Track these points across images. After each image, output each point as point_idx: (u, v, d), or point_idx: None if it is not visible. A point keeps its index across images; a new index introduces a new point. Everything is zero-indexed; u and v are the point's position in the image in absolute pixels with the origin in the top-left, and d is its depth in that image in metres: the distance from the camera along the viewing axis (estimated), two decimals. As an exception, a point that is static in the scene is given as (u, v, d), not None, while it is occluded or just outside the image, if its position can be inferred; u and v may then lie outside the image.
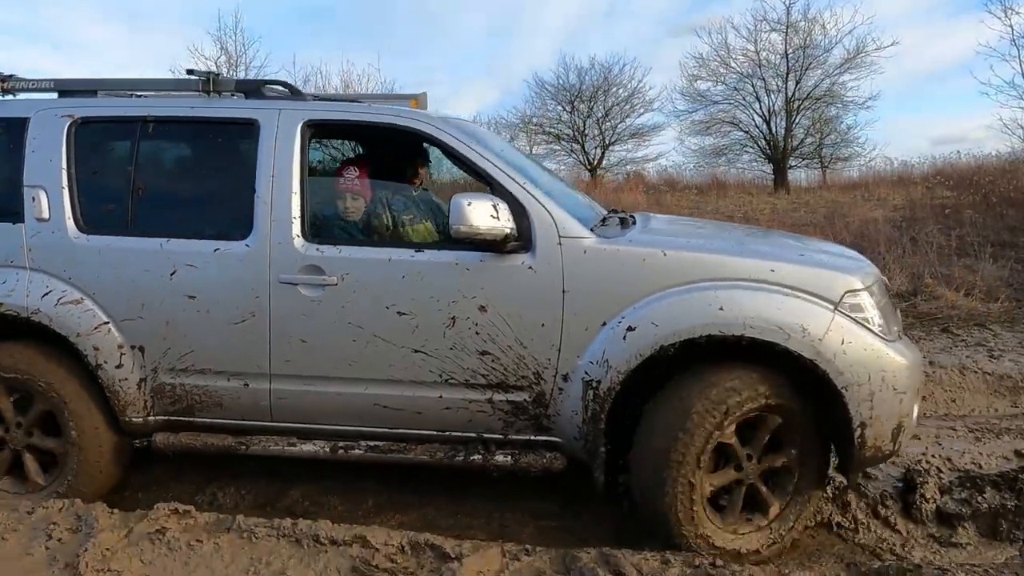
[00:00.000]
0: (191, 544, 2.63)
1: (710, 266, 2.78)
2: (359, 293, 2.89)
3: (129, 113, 3.12)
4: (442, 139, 2.95)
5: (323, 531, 2.69)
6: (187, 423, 3.12)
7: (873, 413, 2.68)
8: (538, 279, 2.79)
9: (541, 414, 2.88)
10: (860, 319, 2.73)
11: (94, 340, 3.00)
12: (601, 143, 24.85)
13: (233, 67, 19.57)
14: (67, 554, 2.58)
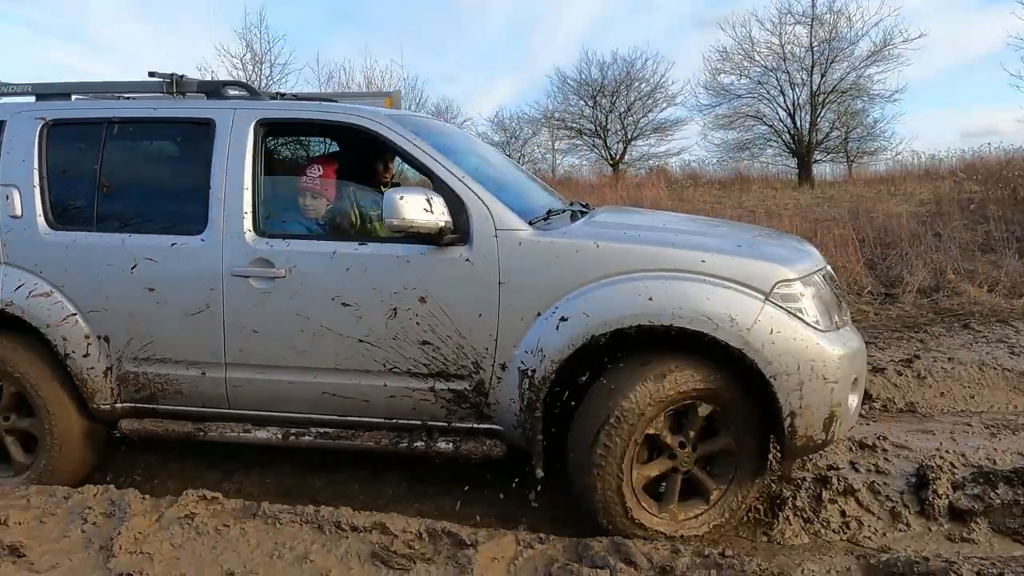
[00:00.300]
0: (219, 529, 2.77)
1: (642, 257, 2.84)
2: (306, 285, 3.02)
3: (96, 115, 3.30)
4: (385, 135, 3.06)
5: (344, 518, 2.82)
6: (151, 410, 3.30)
7: (803, 402, 2.71)
8: (475, 271, 2.89)
9: (481, 402, 2.98)
10: (792, 309, 2.77)
11: (63, 331, 3.18)
12: (623, 138, 24.84)
13: (258, 64, 19.88)
14: (102, 537, 2.73)
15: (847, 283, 7.59)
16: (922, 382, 4.72)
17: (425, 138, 3.11)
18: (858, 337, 3.08)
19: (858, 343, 3.00)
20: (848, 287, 7.54)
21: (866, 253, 8.74)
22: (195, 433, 3.24)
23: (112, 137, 3.28)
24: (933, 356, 5.13)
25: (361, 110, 3.25)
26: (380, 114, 3.20)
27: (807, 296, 2.84)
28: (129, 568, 2.50)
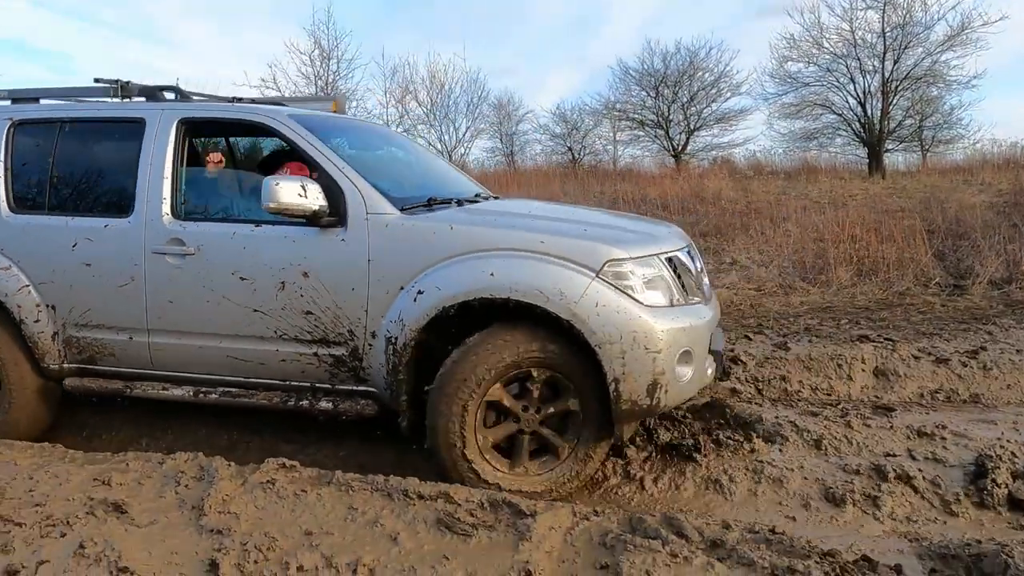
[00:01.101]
0: (297, 494, 3.01)
1: (489, 238, 3.23)
2: (211, 261, 3.53)
3: (51, 116, 3.90)
4: (281, 131, 3.55)
5: (411, 487, 3.04)
6: (92, 370, 3.85)
7: (625, 369, 3.05)
8: (349, 249, 3.33)
9: (358, 367, 3.40)
10: (621, 286, 3.10)
11: (18, 299, 3.76)
12: (686, 129, 24.91)
13: (326, 60, 20.68)
14: (193, 498, 2.99)
15: (913, 274, 7.79)
16: (987, 373, 4.79)
17: (317, 134, 3.57)
18: (706, 314, 3.44)
19: (697, 320, 3.29)
20: (914, 278, 7.73)
21: (935, 244, 8.74)
22: (124, 390, 3.78)
23: (63, 134, 3.87)
24: (1001, 348, 5.18)
25: (261, 109, 3.75)
26: (279, 112, 3.68)
27: (637, 275, 3.16)
28: (218, 525, 2.76)
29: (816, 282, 8.11)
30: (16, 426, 3.99)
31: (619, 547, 2.61)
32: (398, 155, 4.56)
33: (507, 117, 26.82)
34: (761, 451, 3.69)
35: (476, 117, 25.03)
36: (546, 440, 3.36)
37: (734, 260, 9.49)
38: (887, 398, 4.64)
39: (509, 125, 27.03)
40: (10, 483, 3.12)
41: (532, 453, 3.40)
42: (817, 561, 2.48)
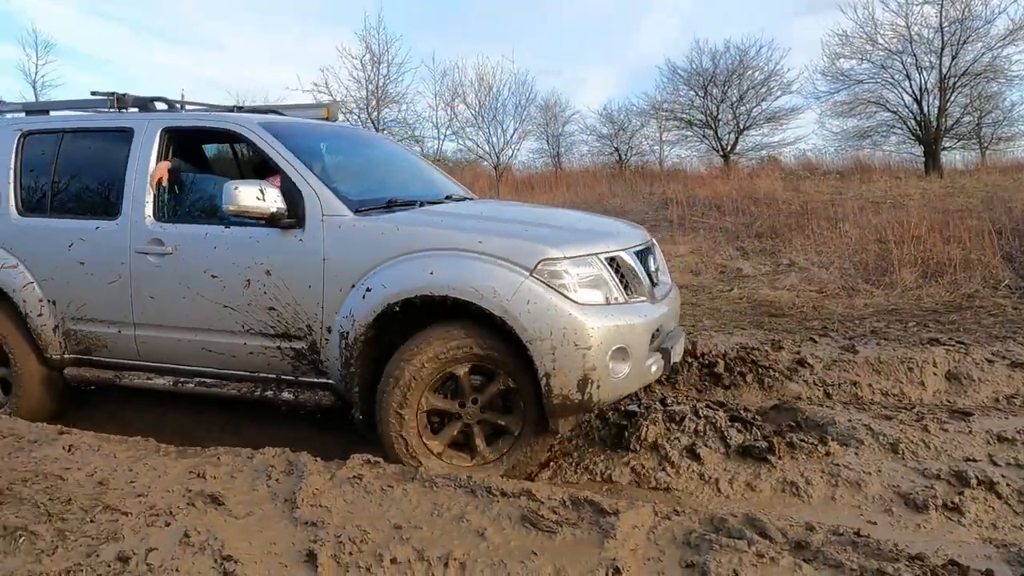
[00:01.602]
0: (383, 489, 3.11)
1: (432, 238, 3.43)
2: (186, 260, 3.85)
3: (54, 127, 4.30)
4: (249, 138, 3.85)
5: (495, 484, 3.11)
6: (88, 360, 4.20)
7: (556, 365, 3.20)
8: (306, 248, 3.59)
9: (316, 359, 3.64)
10: (555, 284, 3.26)
11: (24, 295, 4.16)
12: (735, 128, 24.53)
13: (376, 64, 21.20)
14: (285, 491, 3.11)
15: (981, 276, 7.70)
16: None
17: (283, 141, 3.84)
18: (649, 312, 3.61)
19: (636, 319, 3.40)
20: (982, 280, 7.64)
21: (1003, 245, 8.53)
22: (114, 379, 4.13)
23: (64, 143, 4.23)
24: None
25: (235, 118, 4.05)
26: (250, 120, 3.97)
27: (571, 274, 3.28)
28: (312, 518, 2.85)
29: (880, 284, 8.04)
30: (25, 411, 4.37)
31: (704, 546, 2.66)
32: (376, 159, 4.79)
33: (553, 118, 26.96)
34: (836, 454, 3.69)
35: (524, 119, 25.25)
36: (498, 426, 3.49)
37: (792, 262, 9.45)
38: (962, 402, 4.61)
39: (555, 126, 27.15)
40: (112, 474, 3.28)
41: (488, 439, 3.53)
42: (907, 564, 2.50)
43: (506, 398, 3.56)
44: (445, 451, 3.58)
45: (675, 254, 10.24)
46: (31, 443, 3.62)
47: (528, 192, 19.15)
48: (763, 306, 7.49)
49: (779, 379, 4.98)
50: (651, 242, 4.23)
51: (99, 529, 2.77)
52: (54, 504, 2.95)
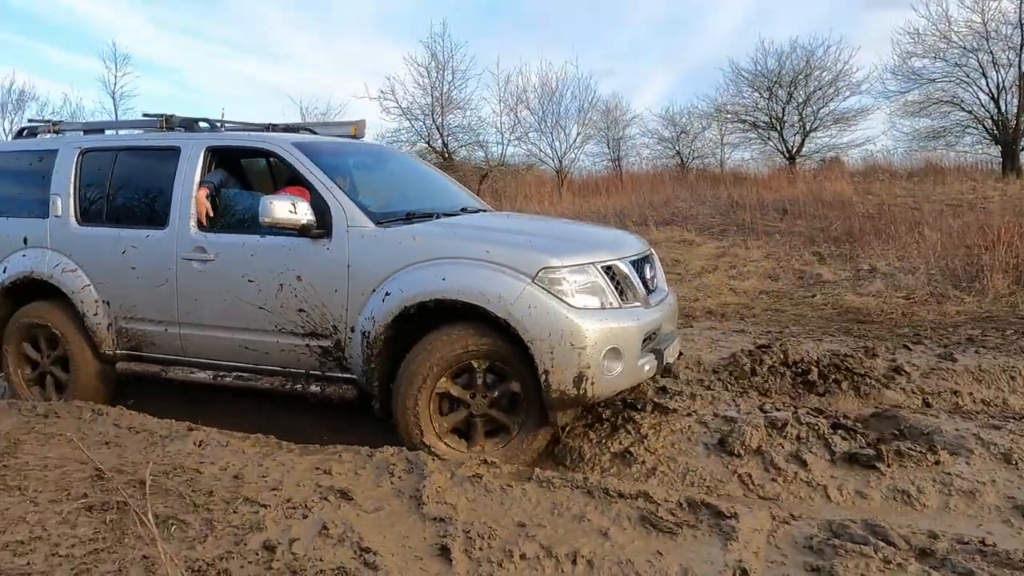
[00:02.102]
0: (503, 488, 3.28)
1: (445, 248, 3.86)
2: (226, 266, 4.30)
3: (110, 145, 4.82)
4: (282, 156, 4.29)
5: (611, 485, 3.29)
6: (138, 356, 4.67)
7: (554, 363, 3.58)
8: (332, 257, 4.01)
9: (341, 356, 4.06)
10: (554, 290, 3.65)
11: (81, 296, 4.66)
12: (801, 130, 24.12)
13: (441, 71, 22.03)
14: (408, 488, 3.30)
15: None
16: None
17: (313, 158, 4.27)
18: (643, 316, 3.96)
19: (629, 322, 3.76)
20: None
21: None
22: (160, 373, 4.57)
23: (119, 160, 4.73)
24: None
25: (271, 138, 4.51)
26: (284, 140, 4.42)
27: (569, 281, 3.66)
28: (438, 514, 3.03)
29: (970, 290, 8.00)
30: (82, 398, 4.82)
31: (828, 551, 2.76)
32: (398, 174, 5.21)
33: (614, 122, 26.76)
34: (947, 463, 3.71)
35: (586, 123, 25.33)
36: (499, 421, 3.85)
37: (873, 267, 9.45)
38: (1070, 413, 4.55)
39: (616, 130, 27.00)
40: (244, 469, 3.54)
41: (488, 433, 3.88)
42: (1039, 574, 2.53)
43: (512, 397, 3.91)
44: (447, 434, 3.94)
45: (749, 259, 10.39)
46: (163, 438, 3.99)
47: (591, 196, 19.32)
48: (849, 312, 7.56)
49: (875, 387, 5.03)
50: (649, 252, 4.57)
51: (242, 519, 2.99)
52: (197, 495, 3.20)
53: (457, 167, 21.58)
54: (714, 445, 4.03)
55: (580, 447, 4.09)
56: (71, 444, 3.85)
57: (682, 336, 6.00)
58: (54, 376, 5.09)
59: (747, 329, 6.81)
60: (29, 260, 5.01)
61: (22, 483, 3.36)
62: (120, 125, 5.24)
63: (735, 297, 8.41)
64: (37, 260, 4.98)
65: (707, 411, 4.49)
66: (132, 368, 4.86)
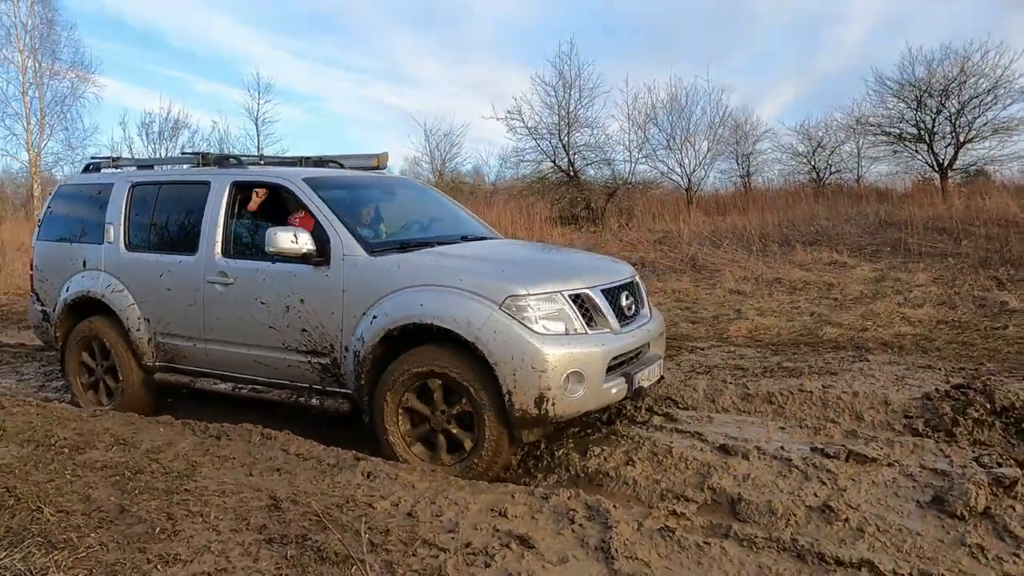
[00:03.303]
0: (699, 545, 3.04)
1: (425, 275, 4.33)
2: (243, 289, 4.85)
3: (153, 179, 5.44)
4: (291, 190, 4.82)
5: (827, 551, 3.02)
6: (173, 368, 5.23)
7: (516, 384, 3.94)
8: (330, 282, 4.48)
9: (337, 373, 4.50)
10: (520, 317, 4.03)
11: (127, 313, 5.33)
12: (954, 141, 22.61)
13: (568, 89, 22.28)
14: (593, 539, 3.12)
15: None
16: None
17: (319, 192, 4.83)
18: (610, 342, 4.32)
19: (593, 347, 4.12)
20: None
21: None
22: (190, 383, 5.11)
23: (161, 193, 5.36)
24: None
25: (284, 173, 5.15)
26: (296, 175, 5.01)
27: (534, 308, 3.99)
28: (632, 571, 2.86)
29: None
30: (126, 408, 5.48)
31: None
32: (408, 203, 5.69)
33: (744, 137, 26.09)
34: None
35: (717, 140, 24.84)
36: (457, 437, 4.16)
37: None
38: None
39: (746, 145, 26.30)
40: (416, 506, 3.52)
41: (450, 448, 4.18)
42: None
43: (468, 416, 4.23)
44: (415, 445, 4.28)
45: (914, 283, 9.84)
46: (331, 467, 4.12)
47: (721, 214, 19.24)
48: (1053, 347, 7.19)
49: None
50: (630, 280, 4.81)
51: (423, 564, 2.92)
52: (374, 534, 3.18)
53: (583, 185, 22.06)
54: (928, 503, 3.66)
55: (769, 500, 3.72)
56: (244, 469, 4.08)
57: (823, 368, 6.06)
58: (106, 384, 5.72)
59: (934, 365, 6.19)
60: (86, 281, 5.74)
61: (203, 509, 3.45)
62: (166, 161, 5.89)
63: (910, 327, 7.71)
64: (93, 281, 5.69)
65: (911, 461, 4.18)
66: (168, 378, 5.47)
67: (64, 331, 6.05)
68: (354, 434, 4.93)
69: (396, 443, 4.40)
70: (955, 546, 3.24)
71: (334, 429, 5.13)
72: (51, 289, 6.16)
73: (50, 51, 23.76)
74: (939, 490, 3.71)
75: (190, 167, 5.97)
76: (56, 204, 6.46)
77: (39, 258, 6.36)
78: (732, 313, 8.92)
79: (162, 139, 27.76)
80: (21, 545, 3.01)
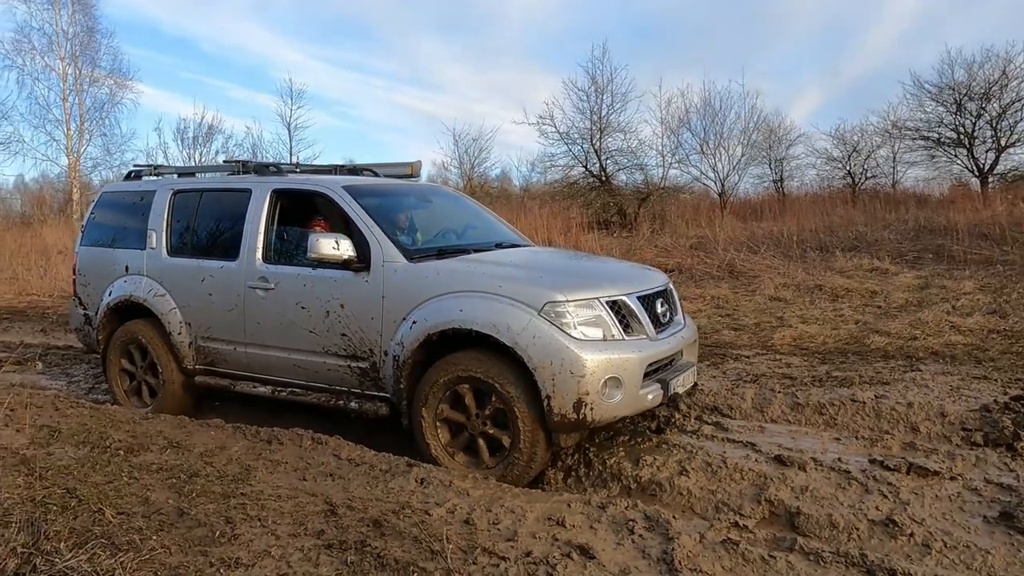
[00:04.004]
0: (764, 558, 2.98)
1: (464, 281, 4.39)
2: (284, 294, 4.96)
3: (195, 187, 5.57)
4: (332, 198, 4.93)
5: (900, 566, 2.95)
6: (212, 371, 5.34)
7: (555, 389, 3.99)
8: (370, 288, 4.57)
9: (376, 377, 4.58)
10: (558, 323, 4.08)
11: (168, 318, 5.46)
12: (996, 146, 22.69)
13: (600, 94, 22.53)
14: (655, 550, 3.09)
15: None
16: None
17: (358, 199, 4.90)
18: (647, 348, 4.37)
19: (631, 353, 4.18)
20: None
21: None
22: (230, 386, 5.22)
23: (203, 200, 5.46)
24: None
25: (324, 181, 5.21)
26: (335, 183, 5.08)
27: (573, 314, 4.05)
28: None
29: None
30: (168, 407, 5.56)
31: None
32: (442, 211, 5.78)
33: (777, 142, 26.17)
34: None
35: (750, 144, 25.00)
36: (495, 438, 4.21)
37: None
38: None
39: (779, 150, 26.41)
40: (472, 513, 3.51)
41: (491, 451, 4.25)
42: None
43: (503, 416, 4.36)
44: (457, 453, 4.32)
45: (960, 291, 9.68)
46: (383, 472, 4.12)
47: (755, 219, 19.05)
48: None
49: None
50: (665, 287, 4.84)
51: (484, 572, 2.91)
52: (433, 541, 3.17)
53: (616, 191, 22.16)
54: (995, 519, 3.57)
55: (830, 514, 3.64)
56: (297, 473, 4.11)
57: (874, 378, 6.00)
58: (148, 385, 5.83)
59: (989, 375, 6.04)
60: (129, 285, 5.87)
61: (260, 513, 3.46)
62: (207, 169, 6.01)
63: (960, 336, 7.56)
64: (135, 285, 5.82)
65: (975, 475, 4.10)
66: (207, 381, 5.58)
67: (106, 335, 6.19)
68: (391, 438, 5.00)
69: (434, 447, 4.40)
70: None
71: (372, 433, 5.18)
72: (93, 293, 6.28)
73: (90, 58, 24.46)
74: (1007, 505, 3.63)
75: (229, 175, 6.12)
76: (98, 211, 6.60)
77: (82, 263, 6.46)
78: (774, 320, 8.85)
79: (196, 144, 28.34)
80: (86, 547, 3.02)
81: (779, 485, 4.03)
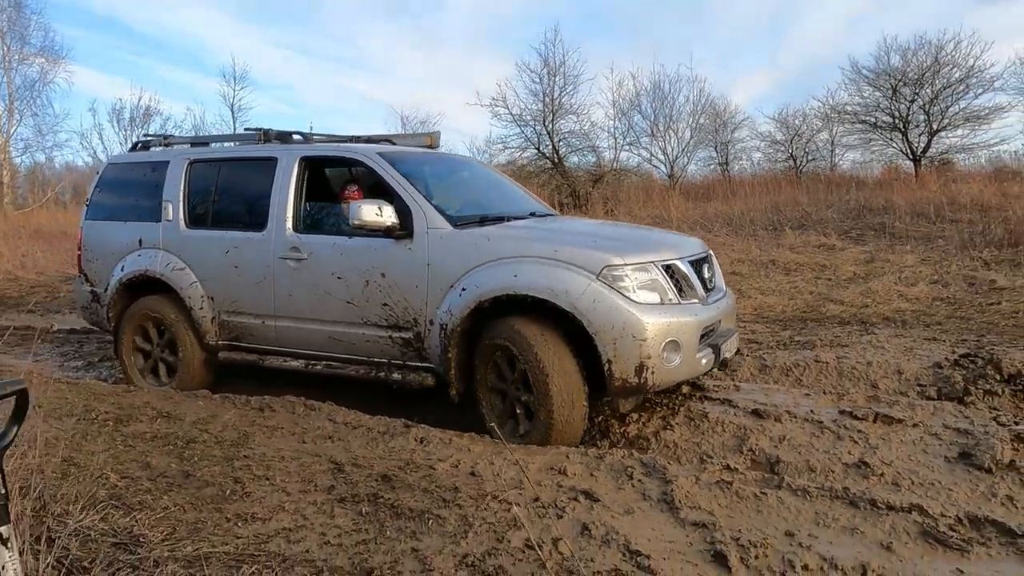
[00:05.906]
0: (757, 495, 3.16)
1: (516, 247, 4.25)
2: (318, 264, 4.75)
3: (215, 156, 5.32)
4: (369, 165, 4.72)
5: (879, 497, 3.13)
6: (237, 346, 5.12)
7: (616, 353, 3.89)
8: (414, 256, 4.40)
9: (420, 347, 4.43)
10: (617, 287, 3.97)
11: (189, 292, 5.20)
12: (928, 130, 23.07)
13: (552, 76, 22.42)
14: (654, 491, 3.23)
15: None
16: None
17: (396, 166, 4.72)
18: (701, 312, 4.33)
19: (688, 317, 4.09)
20: None
21: None
22: (258, 361, 5.01)
23: (223, 170, 5.21)
24: None
25: (358, 148, 4.99)
26: (370, 151, 4.86)
27: (631, 278, 3.95)
28: (698, 519, 2.97)
29: None
30: (188, 384, 5.32)
31: None
32: (470, 181, 5.62)
33: (723, 125, 26.55)
34: None
35: (698, 128, 25.45)
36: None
37: None
38: None
39: (725, 133, 26.78)
40: (476, 466, 3.60)
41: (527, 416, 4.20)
42: None
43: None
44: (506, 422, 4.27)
45: (903, 264, 10.19)
46: (382, 434, 4.16)
47: (704, 201, 19.26)
48: (1051, 319, 7.57)
49: None
50: (707, 253, 4.80)
51: (496, 517, 2.98)
52: (443, 491, 3.26)
53: (569, 172, 22.10)
54: (955, 459, 3.80)
55: (807, 459, 3.87)
56: (295, 437, 4.10)
57: (833, 341, 6.25)
58: (165, 362, 5.57)
59: (938, 337, 6.44)
60: (144, 259, 5.59)
61: (267, 473, 3.52)
62: (223, 138, 5.76)
63: (908, 304, 8.10)
64: (151, 259, 5.53)
65: (934, 422, 4.31)
66: (232, 357, 5.35)
67: (118, 311, 5.89)
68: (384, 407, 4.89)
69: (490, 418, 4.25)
70: (986, 496, 3.37)
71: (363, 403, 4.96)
72: (102, 269, 5.96)
73: (19, 35, 23.12)
74: (964, 447, 3.86)
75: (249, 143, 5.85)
76: (104, 183, 6.22)
77: (88, 238, 6.11)
78: (734, 292, 9.00)
79: (133, 126, 27.24)
80: (98, 506, 2.97)
81: (758, 435, 4.20)
